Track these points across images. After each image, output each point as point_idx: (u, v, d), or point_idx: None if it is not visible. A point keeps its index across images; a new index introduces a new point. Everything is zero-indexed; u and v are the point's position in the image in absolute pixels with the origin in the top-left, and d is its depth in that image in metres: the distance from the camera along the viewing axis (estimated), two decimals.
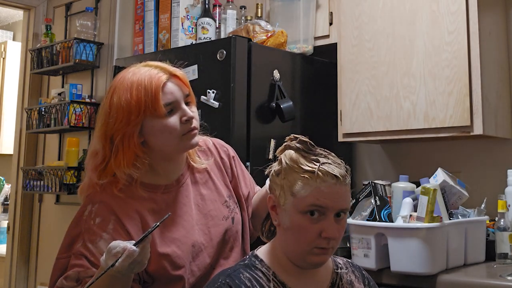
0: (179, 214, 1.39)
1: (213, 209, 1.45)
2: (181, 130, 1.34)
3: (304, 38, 2.54)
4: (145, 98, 1.30)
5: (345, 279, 1.28)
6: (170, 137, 1.34)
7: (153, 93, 1.30)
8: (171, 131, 1.33)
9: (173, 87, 1.35)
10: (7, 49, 4.67)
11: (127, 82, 1.33)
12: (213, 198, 1.47)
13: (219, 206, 1.47)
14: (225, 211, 1.47)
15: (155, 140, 1.35)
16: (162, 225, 1.26)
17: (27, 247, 3.57)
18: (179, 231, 1.37)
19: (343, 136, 2.40)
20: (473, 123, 2.05)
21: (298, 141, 1.21)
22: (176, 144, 1.36)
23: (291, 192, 1.17)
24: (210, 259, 1.41)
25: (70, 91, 3.24)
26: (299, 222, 1.16)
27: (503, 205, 2.00)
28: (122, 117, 1.30)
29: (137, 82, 1.32)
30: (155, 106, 1.30)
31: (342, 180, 1.17)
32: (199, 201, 1.44)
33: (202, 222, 1.42)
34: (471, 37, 2.08)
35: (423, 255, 1.77)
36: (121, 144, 1.32)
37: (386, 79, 2.26)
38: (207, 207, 1.45)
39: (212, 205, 1.46)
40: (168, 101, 1.33)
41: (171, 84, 1.35)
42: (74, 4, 3.56)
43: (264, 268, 1.22)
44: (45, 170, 3.23)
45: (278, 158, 1.24)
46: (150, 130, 1.33)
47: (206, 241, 1.41)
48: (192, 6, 2.79)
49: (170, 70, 1.37)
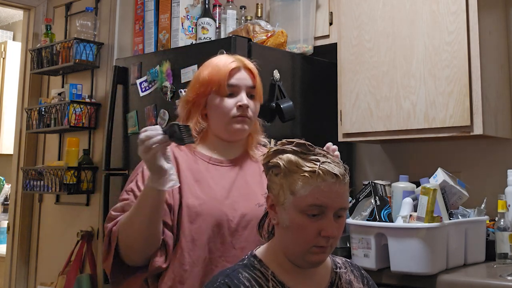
0: (216, 183, 1.51)
1: (252, 193, 1.52)
2: (233, 113, 1.51)
3: (304, 38, 2.55)
4: (215, 76, 1.51)
5: (344, 279, 1.28)
6: (222, 116, 1.52)
7: (222, 73, 1.51)
8: (225, 110, 1.51)
9: (241, 75, 1.54)
10: (7, 49, 4.67)
11: (209, 62, 1.57)
12: (255, 186, 1.53)
13: (259, 194, 1.50)
14: (262, 200, 1.48)
15: (212, 115, 1.54)
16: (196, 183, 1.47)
17: (27, 247, 3.57)
18: (209, 193, 1.48)
19: (343, 136, 2.40)
20: (473, 123, 2.05)
21: (295, 144, 1.21)
22: (225, 123, 1.52)
23: (290, 191, 1.17)
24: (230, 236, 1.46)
25: (70, 91, 3.24)
26: (299, 220, 1.16)
27: (503, 205, 2.00)
28: (197, 88, 1.54)
29: (215, 63, 1.55)
30: (220, 84, 1.51)
31: (341, 179, 1.17)
32: (242, 184, 1.53)
33: (235, 199, 1.50)
34: (471, 37, 2.08)
35: (423, 255, 1.77)
36: (192, 109, 1.54)
37: (386, 79, 2.26)
38: (248, 190, 1.52)
39: (252, 190, 1.52)
40: (232, 83, 1.52)
41: (240, 71, 1.54)
42: (74, 4, 3.56)
43: (263, 268, 1.22)
44: (45, 170, 3.23)
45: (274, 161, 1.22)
46: (211, 104, 1.53)
47: (232, 215, 1.47)
48: (192, 6, 2.79)
49: (244, 62, 1.57)
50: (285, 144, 1.23)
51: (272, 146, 1.25)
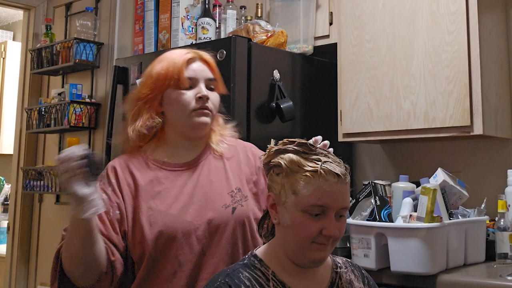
0: (180, 191, 1.44)
1: (217, 194, 1.46)
2: (193, 106, 1.45)
3: (304, 38, 2.54)
4: (171, 69, 1.45)
5: (345, 278, 1.28)
6: (181, 110, 1.45)
7: (178, 66, 1.46)
8: (184, 104, 1.45)
9: (198, 66, 1.49)
10: (7, 49, 4.67)
11: (162, 57, 1.52)
12: (221, 185, 1.48)
13: (225, 194, 1.47)
14: (228, 200, 1.47)
15: (171, 110, 1.47)
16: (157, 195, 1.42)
17: (27, 247, 3.57)
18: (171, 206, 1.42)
19: (343, 136, 2.40)
20: (473, 123, 2.05)
21: (297, 144, 1.21)
22: (185, 118, 1.46)
23: (292, 190, 1.17)
24: (199, 244, 1.40)
25: (70, 91, 3.25)
26: (300, 220, 1.16)
27: (503, 205, 2.00)
28: (150, 83, 1.47)
29: (169, 56, 1.50)
30: (178, 76, 1.45)
31: (343, 179, 1.17)
32: (206, 185, 1.47)
33: (199, 204, 1.43)
34: (471, 37, 2.08)
35: (423, 255, 1.77)
36: (143, 106, 1.47)
37: (386, 79, 2.26)
38: (213, 191, 1.46)
39: (218, 190, 1.47)
40: (190, 76, 1.46)
41: (197, 63, 1.49)
42: (74, 4, 3.56)
43: (263, 267, 1.22)
44: (45, 170, 3.23)
45: (276, 161, 1.22)
46: (168, 100, 1.47)
47: (198, 223, 1.41)
48: (192, 6, 2.79)
49: (200, 53, 1.51)
50: (286, 143, 1.23)
51: (273, 146, 1.25)
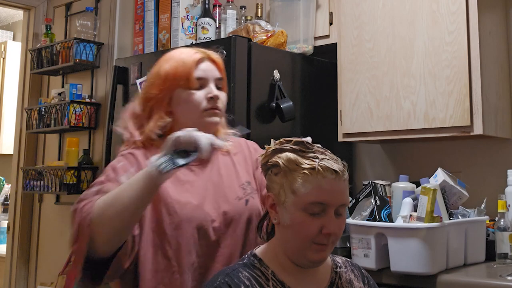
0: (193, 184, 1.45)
1: (229, 187, 1.48)
2: (204, 106, 1.45)
3: (304, 38, 2.54)
4: (180, 69, 1.44)
5: (344, 278, 1.28)
6: (192, 110, 1.45)
7: (188, 66, 1.44)
8: (195, 104, 1.44)
9: (207, 66, 1.48)
10: (7, 49, 4.67)
11: (169, 56, 1.50)
12: (231, 179, 1.50)
13: (236, 187, 1.49)
14: (240, 192, 1.48)
15: (180, 110, 1.46)
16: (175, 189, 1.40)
17: (27, 247, 3.57)
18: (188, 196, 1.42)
19: (343, 136, 2.40)
20: (473, 123, 2.05)
21: (294, 143, 1.21)
22: (196, 118, 1.45)
23: (291, 189, 1.17)
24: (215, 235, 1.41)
25: (70, 91, 3.24)
26: (300, 219, 1.16)
27: (503, 205, 2.00)
28: (159, 83, 1.45)
29: (177, 56, 1.48)
30: (188, 77, 1.43)
31: (341, 175, 1.17)
32: (218, 180, 1.48)
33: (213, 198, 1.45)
34: (471, 37, 2.08)
35: (423, 255, 1.77)
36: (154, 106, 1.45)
37: (386, 79, 2.26)
38: (224, 185, 1.48)
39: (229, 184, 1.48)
40: (199, 76, 1.45)
41: (206, 63, 1.48)
42: (74, 4, 3.56)
43: (263, 267, 1.22)
44: (45, 170, 3.23)
45: (273, 161, 1.22)
46: (177, 100, 1.45)
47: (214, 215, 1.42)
48: (192, 6, 2.79)
49: (208, 53, 1.50)
50: (283, 143, 1.23)
51: (270, 146, 1.25)
